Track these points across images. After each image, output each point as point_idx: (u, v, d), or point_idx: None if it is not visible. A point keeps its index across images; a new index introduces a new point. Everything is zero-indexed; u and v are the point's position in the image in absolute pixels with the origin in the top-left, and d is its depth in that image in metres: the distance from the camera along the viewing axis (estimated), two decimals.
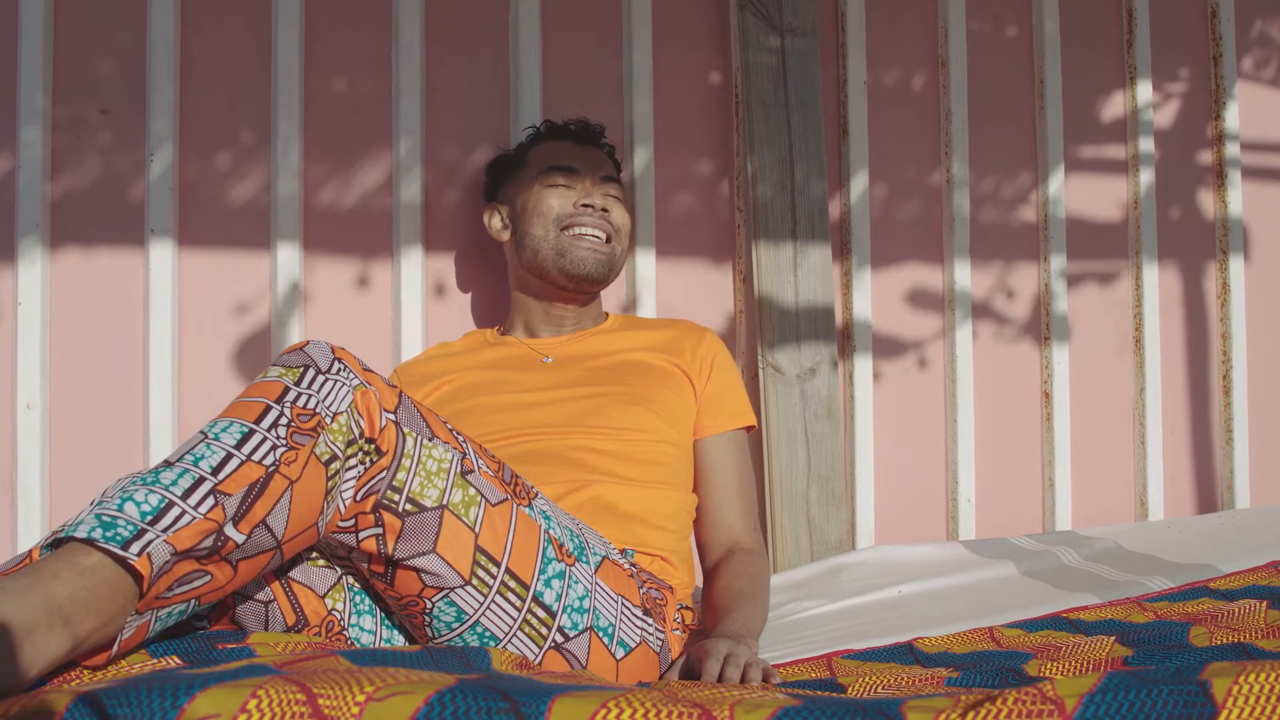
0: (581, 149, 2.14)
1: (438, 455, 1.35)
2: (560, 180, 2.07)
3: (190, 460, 1.16)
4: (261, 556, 1.19)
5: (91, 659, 1.09)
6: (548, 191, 2.06)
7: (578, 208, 2.04)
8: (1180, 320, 2.92)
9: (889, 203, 2.68)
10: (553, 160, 2.10)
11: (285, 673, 0.90)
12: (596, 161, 2.13)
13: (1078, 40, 2.84)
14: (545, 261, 2.04)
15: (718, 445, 1.96)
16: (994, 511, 2.71)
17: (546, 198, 2.05)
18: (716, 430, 1.96)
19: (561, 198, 2.05)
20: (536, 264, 2.06)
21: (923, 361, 2.69)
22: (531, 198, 2.07)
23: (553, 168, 2.08)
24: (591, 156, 2.13)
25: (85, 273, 2.18)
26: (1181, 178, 2.93)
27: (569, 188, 2.06)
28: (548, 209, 2.05)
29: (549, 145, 2.15)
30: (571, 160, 2.10)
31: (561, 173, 2.07)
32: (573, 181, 2.07)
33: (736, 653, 1.44)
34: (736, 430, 1.99)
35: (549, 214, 2.04)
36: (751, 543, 1.90)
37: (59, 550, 1.07)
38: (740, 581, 1.77)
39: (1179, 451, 2.91)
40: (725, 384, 2.00)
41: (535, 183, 2.08)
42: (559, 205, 2.05)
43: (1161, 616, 1.72)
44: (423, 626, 1.39)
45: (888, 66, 2.70)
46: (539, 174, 2.09)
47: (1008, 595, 1.96)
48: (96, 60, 2.20)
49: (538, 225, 2.05)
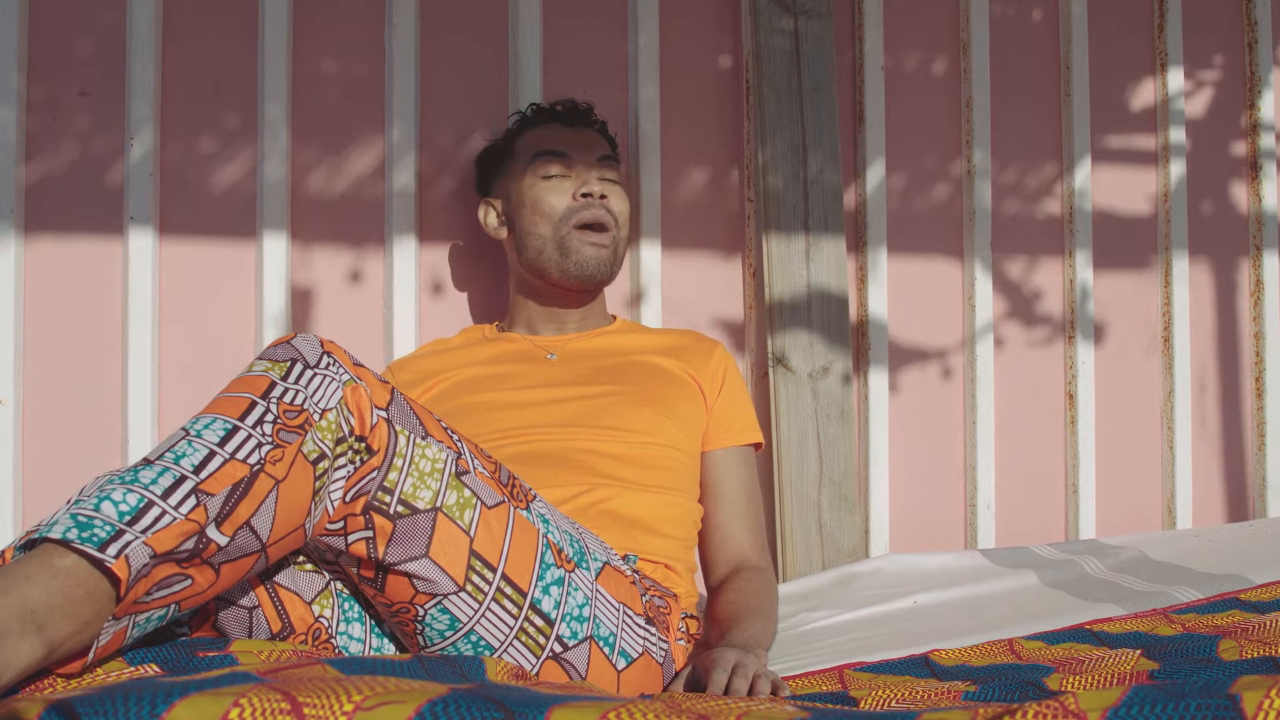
0: (572, 131, 2.13)
1: (431, 455, 1.35)
2: (554, 169, 2.06)
3: (171, 458, 1.16)
4: (245, 560, 1.19)
5: (66, 666, 1.09)
6: (542, 185, 2.05)
7: (577, 199, 2.04)
8: (1211, 319, 2.92)
9: (907, 194, 2.68)
10: (541, 145, 2.09)
11: (269, 681, 0.90)
12: (589, 143, 2.12)
13: (1106, 25, 2.84)
14: (548, 262, 2.04)
15: (725, 459, 1.96)
16: (1014, 518, 2.71)
17: (544, 195, 2.04)
18: (725, 444, 1.96)
19: (558, 192, 2.04)
20: (539, 265, 2.05)
21: (941, 361, 2.69)
22: (526, 193, 2.07)
23: (542, 153, 2.07)
24: (583, 139, 2.12)
25: (61, 262, 2.18)
26: (1214, 170, 2.93)
27: (563, 176, 2.06)
28: (549, 208, 2.04)
29: (537, 131, 2.14)
30: (562, 145, 2.09)
31: (553, 159, 2.06)
32: (566, 168, 2.06)
33: (745, 663, 1.44)
34: (745, 446, 2.00)
35: (553, 213, 2.03)
36: (759, 560, 1.90)
37: (32, 552, 1.07)
38: (748, 597, 1.77)
39: (1209, 457, 2.90)
40: (736, 398, 2.01)
41: (527, 173, 2.07)
42: (559, 202, 2.04)
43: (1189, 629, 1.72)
44: (414, 635, 1.39)
45: (906, 50, 2.70)
46: (529, 163, 2.08)
47: (1028, 606, 1.96)
48: (74, 39, 2.20)
49: (541, 224, 2.04)
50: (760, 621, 1.70)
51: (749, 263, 2.54)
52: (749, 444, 2.00)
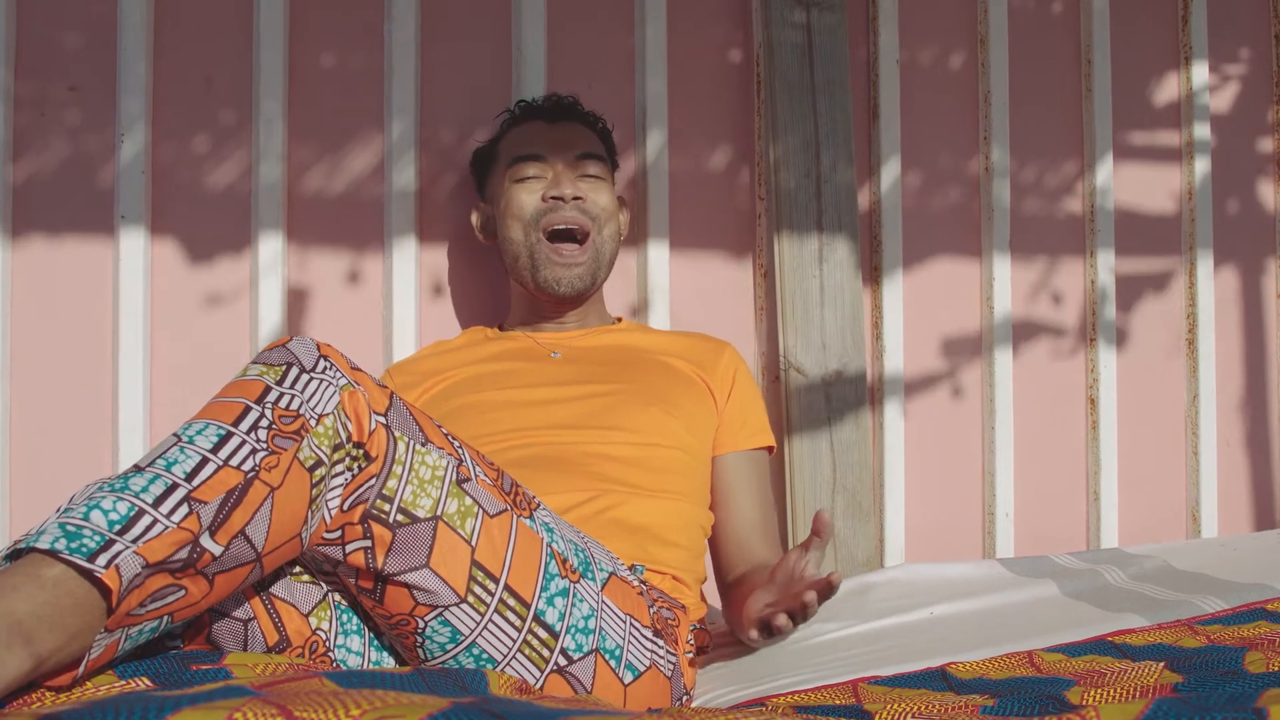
0: (552, 128, 2.13)
1: (431, 462, 1.34)
2: (530, 171, 2.06)
3: (163, 465, 1.16)
4: (240, 570, 1.19)
5: (55, 679, 1.09)
6: (516, 187, 2.06)
7: (547, 200, 2.04)
8: (1237, 321, 2.92)
9: (923, 192, 2.68)
10: (518, 148, 2.10)
11: (264, 695, 0.90)
12: (569, 140, 2.11)
13: (1129, 17, 2.83)
14: (524, 270, 2.06)
15: (737, 463, 1.96)
16: (1034, 527, 2.70)
17: (517, 195, 2.05)
18: (737, 447, 1.97)
19: (530, 192, 2.05)
20: (516, 272, 2.08)
21: (958, 365, 2.68)
22: (503, 195, 2.08)
23: (517, 159, 2.08)
24: (562, 136, 2.12)
25: (50, 263, 2.18)
26: (1240, 167, 2.93)
27: (538, 177, 2.06)
28: (519, 208, 2.05)
29: (518, 131, 2.15)
30: (538, 145, 2.09)
31: (528, 162, 2.07)
32: (543, 170, 2.06)
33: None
34: (758, 450, 2.00)
35: (522, 213, 2.05)
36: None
37: (20, 562, 1.07)
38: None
39: (1235, 463, 2.90)
40: (747, 400, 2.01)
41: (505, 177, 2.09)
42: (529, 201, 2.04)
43: (1214, 641, 1.71)
44: (414, 647, 1.39)
45: (922, 44, 2.70)
46: (507, 165, 2.09)
47: (1049, 617, 1.96)
48: (63, 32, 2.20)
49: (514, 228, 2.06)
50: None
51: (760, 263, 2.54)
52: (761, 447, 2.01)
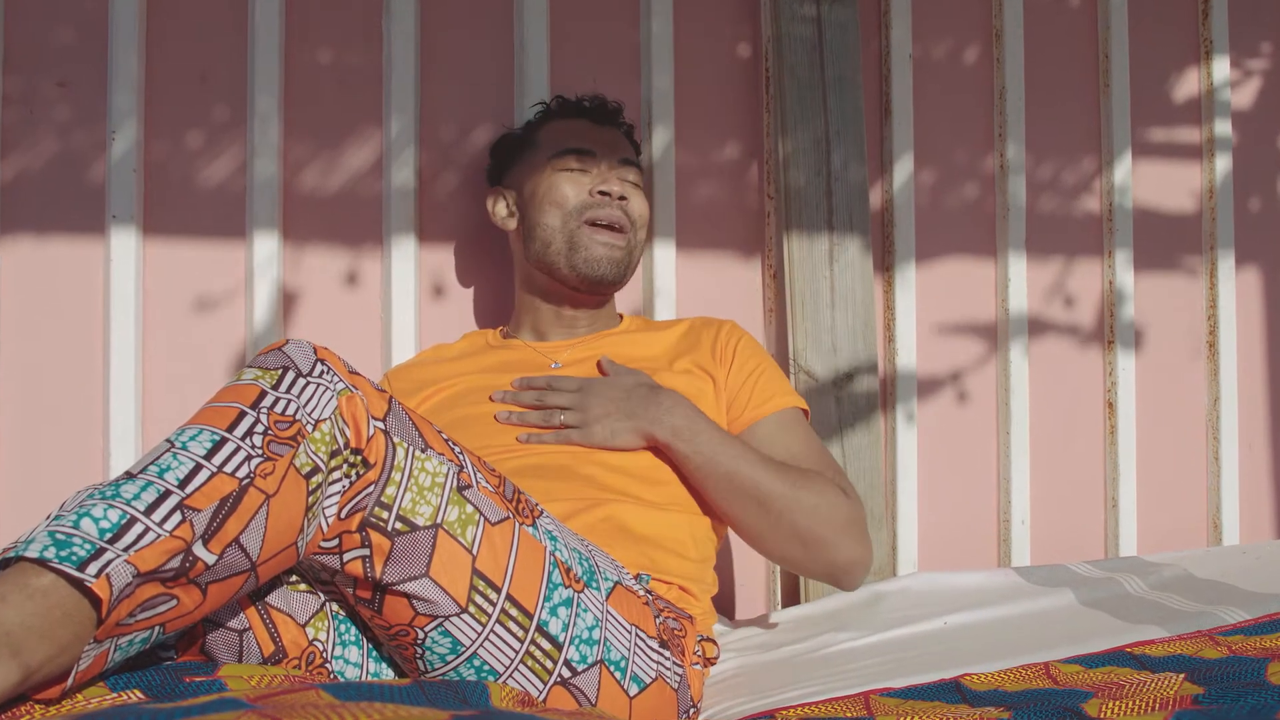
0: (598, 129, 2.14)
1: (431, 468, 1.34)
2: (574, 164, 2.07)
3: (155, 472, 1.16)
4: (234, 579, 1.19)
5: (44, 692, 1.09)
6: (560, 177, 2.06)
7: (594, 195, 2.05)
8: (1259, 323, 2.91)
9: (936, 190, 2.68)
10: (566, 142, 2.10)
11: (259, 707, 0.90)
12: (614, 143, 2.13)
13: (1148, 11, 2.83)
14: (556, 256, 2.04)
15: (755, 434, 1.93)
16: (1050, 535, 2.70)
17: (560, 184, 2.05)
18: (754, 419, 1.93)
19: (576, 184, 2.05)
20: (546, 259, 2.06)
21: (973, 367, 2.68)
22: (543, 183, 2.07)
23: (567, 150, 2.08)
24: (609, 137, 2.14)
25: (39, 263, 2.19)
26: (1262, 164, 2.92)
27: (583, 172, 2.07)
28: (562, 197, 2.05)
29: (561, 124, 2.16)
30: (587, 142, 2.10)
31: (576, 155, 2.07)
32: (588, 165, 2.07)
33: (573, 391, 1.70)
34: (777, 413, 1.95)
35: (564, 203, 2.04)
36: (846, 486, 1.89)
37: (8, 571, 1.07)
38: (801, 472, 1.84)
39: (1257, 469, 2.90)
40: (751, 369, 1.98)
41: (547, 166, 2.08)
42: (574, 193, 2.05)
43: (1236, 652, 1.71)
44: (414, 659, 1.39)
45: (936, 38, 2.70)
46: (551, 156, 2.09)
47: (1065, 627, 1.96)
48: (52, 25, 2.21)
49: (551, 214, 2.05)
50: (761, 464, 1.81)
51: (769, 263, 2.54)
52: (779, 410, 1.96)
